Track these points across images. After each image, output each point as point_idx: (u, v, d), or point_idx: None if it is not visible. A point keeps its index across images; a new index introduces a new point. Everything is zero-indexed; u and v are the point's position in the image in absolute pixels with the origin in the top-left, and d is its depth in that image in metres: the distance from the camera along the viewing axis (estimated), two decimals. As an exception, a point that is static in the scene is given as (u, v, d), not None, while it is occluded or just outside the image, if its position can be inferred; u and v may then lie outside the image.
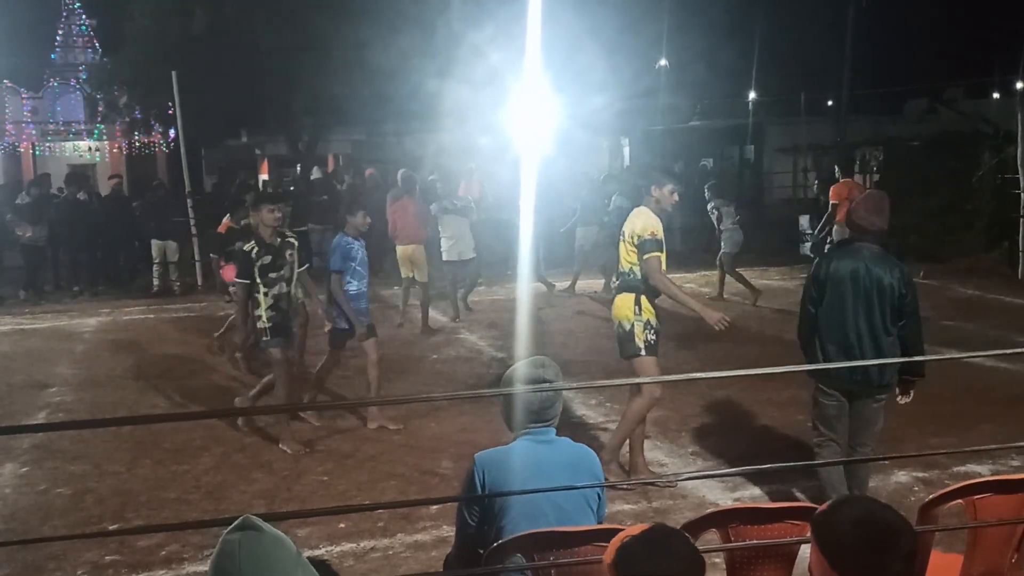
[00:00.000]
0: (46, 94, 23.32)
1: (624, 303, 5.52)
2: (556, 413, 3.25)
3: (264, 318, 6.45)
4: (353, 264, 6.82)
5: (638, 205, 5.69)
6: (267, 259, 6.43)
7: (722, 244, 12.20)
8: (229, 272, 9.12)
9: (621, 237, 5.60)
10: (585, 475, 3.17)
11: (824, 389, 4.82)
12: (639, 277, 5.47)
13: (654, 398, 5.59)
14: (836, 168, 12.83)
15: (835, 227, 11.45)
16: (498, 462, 3.11)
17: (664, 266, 5.53)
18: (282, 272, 6.50)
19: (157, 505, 5.57)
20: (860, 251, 4.73)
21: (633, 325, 5.48)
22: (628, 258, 5.51)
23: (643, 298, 5.47)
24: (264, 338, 6.52)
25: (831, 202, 11.64)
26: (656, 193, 5.56)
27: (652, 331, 5.50)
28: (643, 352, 5.47)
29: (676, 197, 5.64)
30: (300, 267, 6.70)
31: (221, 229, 9.35)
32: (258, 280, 6.42)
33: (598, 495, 3.19)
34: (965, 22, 30.58)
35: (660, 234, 5.45)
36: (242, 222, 9.29)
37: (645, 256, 5.40)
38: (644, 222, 5.47)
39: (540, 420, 3.20)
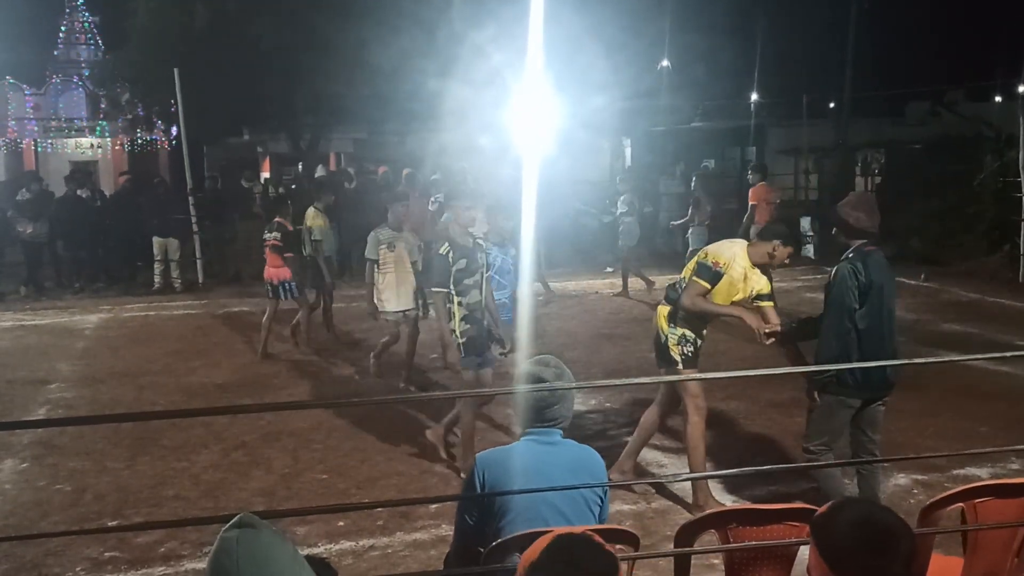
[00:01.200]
0: (48, 91, 23.31)
1: (662, 313, 5.40)
2: (559, 415, 3.17)
3: (458, 332, 5.74)
4: (490, 272, 6.15)
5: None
6: (462, 263, 5.77)
7: (619, 237, 12.49)
8: (283, 271, 9.24)
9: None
10: (587, 478, 3.12)
11: (847, 400, 4.61)
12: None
13: (700, 409, 5.35)
14: (750, 172, 13.24)
15: (753, 227, 11.70)
16: (499, 463, 3.08)
17: (725, 298, 5.23)
18: (476, 278, 5.84)
19: (156, 502, 5.57)
20: (872, 256, 4.58)
21: (667, 337, 5.34)
22: (686, 272, 5.38)
23: (680, 313, 5.32)
24: (459, 355, 5.78)
25: (751, 203, 12.05)
26: (766, 248, 5.18)
27: (688, 344, 5.33)
28: (680, 365, 5.31)
29: (786, 258, 5.21)
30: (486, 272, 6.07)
31: (289, 227, 9.42)
32: (452, 288, 5.77)
33: (600, 498, 3.13)
34: (967, 25, 30.59)
35: (727, 268, 5.12)
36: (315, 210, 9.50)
37: (692, 277, 5.21)
38: (718, 250, 5.25)
39: (541, 420, 3.15)
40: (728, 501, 5.37)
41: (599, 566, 1.93)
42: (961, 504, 3.06)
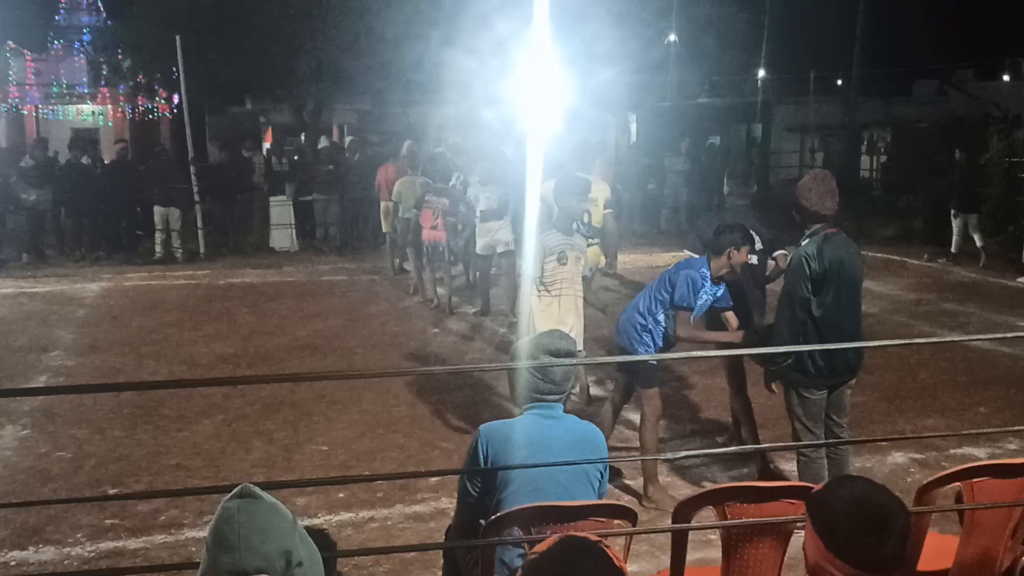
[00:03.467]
0: (50, 57, 23.16)
1: None
2: (568, 388, 3.23)
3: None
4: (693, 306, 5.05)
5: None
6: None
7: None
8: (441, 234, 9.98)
9: None
10: (590, 453, 3.14)
11: (813, 390, 4.50)
12: None
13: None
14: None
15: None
16: (503, 435, 3.10)
17: None
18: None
19: (157, 471, 5.60)
20: (831, 239, 4.40)
21: None
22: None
23: None
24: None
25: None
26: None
27: None
28: None
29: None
30: None
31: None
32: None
33: (600, 474, 3.16)
34: (977, 3, 30.34)
35: None
36: None
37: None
38: None
39: (556, 393, 3.17)
40: (726, 478, 5.39)
41: (599, 573, 1.84)
42: (958, 484, 3.07)
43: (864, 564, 1.99)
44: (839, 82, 24.35)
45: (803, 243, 4.45)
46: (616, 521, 2.83)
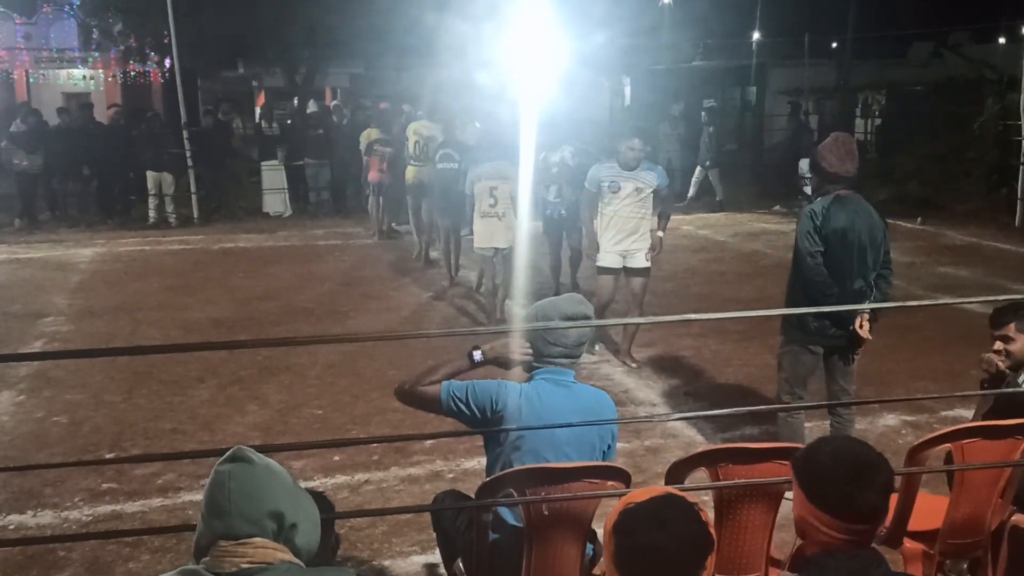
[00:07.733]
0: (39, 20, 22.85)
1: None
2: (583, 352, 3.19)
3: None
4: None
5: None
6: None
7: None
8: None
9: None
10: (600, 426, 3.10)
11: (808, 347, 4.58)
12: None
13: None
14: None
15: None
16: (515, 395, 3.03)
17: None
18: None
19: (153, 435, 5.63)
20: (846, 202, 4.46)
21: None
22: None
23: None
24: None
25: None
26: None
27: None
28: None
29: None
30: None
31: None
32: None
33: (608, 446, 3.13)
34: (975, -36, 30.01)
35: None
36: None
37: None
38: None
39: (571, 356, 3.12)
40: (718, 440, 5.44)
41: (690, 530, 1.93)
42: (948, 444, 3.10)
43: (844, 513, 2.02)
44: (834, 45, 24.11)
45: (816, 199, 4.52)
46: (610, 482, 2.85)
